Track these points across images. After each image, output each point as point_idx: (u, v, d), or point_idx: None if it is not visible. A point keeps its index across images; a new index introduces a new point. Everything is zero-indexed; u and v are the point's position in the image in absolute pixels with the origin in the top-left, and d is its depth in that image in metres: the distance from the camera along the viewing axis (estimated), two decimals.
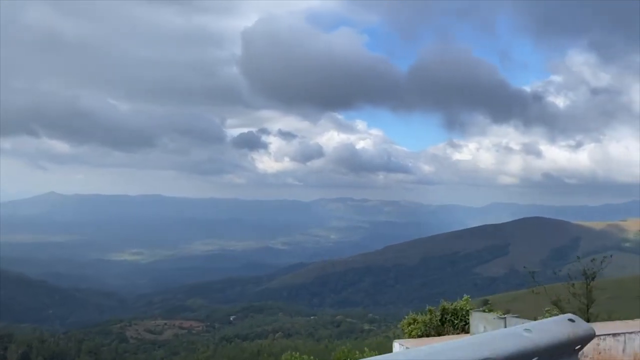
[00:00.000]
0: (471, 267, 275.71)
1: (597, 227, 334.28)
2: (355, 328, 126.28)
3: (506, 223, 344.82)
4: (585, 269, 17.53)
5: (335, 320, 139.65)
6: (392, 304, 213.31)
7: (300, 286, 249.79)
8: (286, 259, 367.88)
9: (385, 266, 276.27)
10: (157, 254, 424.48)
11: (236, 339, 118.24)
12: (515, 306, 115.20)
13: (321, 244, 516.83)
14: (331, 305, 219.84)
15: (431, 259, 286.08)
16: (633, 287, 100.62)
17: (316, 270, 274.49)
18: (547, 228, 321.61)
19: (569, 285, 17.71)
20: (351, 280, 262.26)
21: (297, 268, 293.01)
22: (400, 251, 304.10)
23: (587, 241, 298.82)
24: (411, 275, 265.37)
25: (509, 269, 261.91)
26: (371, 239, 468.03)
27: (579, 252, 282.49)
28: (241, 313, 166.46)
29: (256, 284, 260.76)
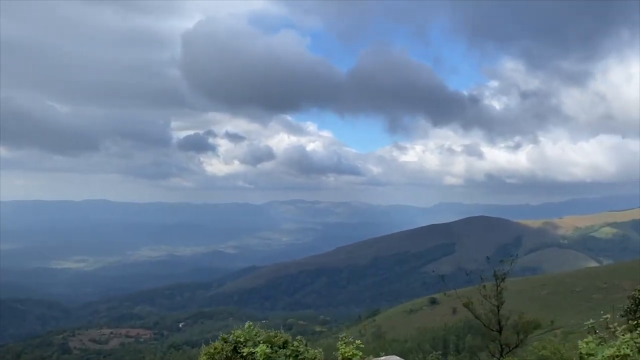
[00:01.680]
0: (420, 265, 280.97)
1: (537, 225, 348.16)
2: (306, 330, 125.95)
3: (453, 222, 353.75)
4: (495, 270, 16.98)
5: (287, 323, 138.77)
6: (344, 305, 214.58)
7: (252, 290, 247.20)
8: (237, 263, 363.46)
9: (337, 267, 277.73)
10: (103, 260, 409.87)
11: (185, 346, 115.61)
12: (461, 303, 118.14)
13: (273, 246, 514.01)
14: (283, 308, 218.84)
15: (382, 258, 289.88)
16: (571, 282, 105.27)
17: (268, 273, 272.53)
18: (491, 227, 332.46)
19: (480, 287, 17.53)
20: (303, 282, 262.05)
21: (248, 272, 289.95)
22: (351, 252, 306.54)
23: (528, 239, 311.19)
24: (363, 275, 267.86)
25: (456, 266, 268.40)
26: (323, 241, 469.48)
27: (522, 250, 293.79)
28: (191, 319, 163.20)
29: (206, 289, 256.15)
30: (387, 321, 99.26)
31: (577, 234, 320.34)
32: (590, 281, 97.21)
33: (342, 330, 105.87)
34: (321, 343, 78.84)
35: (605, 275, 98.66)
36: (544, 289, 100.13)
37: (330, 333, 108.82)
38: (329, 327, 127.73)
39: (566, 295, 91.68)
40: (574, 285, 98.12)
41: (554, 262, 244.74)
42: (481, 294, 17.05)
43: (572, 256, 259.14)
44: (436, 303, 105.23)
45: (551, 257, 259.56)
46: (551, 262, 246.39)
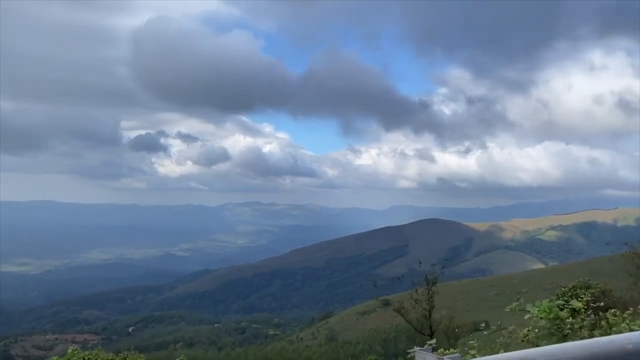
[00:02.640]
0: (374, 267, 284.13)
1: (486, 227, 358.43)
2: (260, 334, 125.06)
3: (406, 225, 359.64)
4: (427, 274, 17.54)
5: (240, 326, 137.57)
6: (298, 308, 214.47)
7: (204, 293, 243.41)
8: (189, 266, 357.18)
9: (292, 270, 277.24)
10: (49, 264, 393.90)
11: (134, 351, 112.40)
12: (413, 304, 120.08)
13: (227, 249, 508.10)
14: (237, 312, 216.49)
15: (336, 261, 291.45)
16: (518, 283, 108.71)
17: (221, 276, 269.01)
18: (443, 229, 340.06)
19: (412, 292, 17.88)
20: (258, 286, 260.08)
21: (201, 275, 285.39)
22: (306, 254, 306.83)
23: (478, 241, 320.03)
24: (317, 278, 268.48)
25: (408, 268, 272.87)
26: (279, 243, 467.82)
27: (472, 252, 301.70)
28: (141, 324, 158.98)
29: (157, 293, 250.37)
30: (340, 323, 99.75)
31: (524, 236, 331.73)
32: (536, 282, 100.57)
33: (295, 333, 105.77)
34: (274, 346, 78.52)
35: (551, 277, 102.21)
36: (492, 290, 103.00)
37: (283, 336, 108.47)
38: (283, 330, 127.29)
39: (513, 295, 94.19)
40: (520, 286, 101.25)
41: (502, 263, 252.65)
42: (412, 298, 17.35)
43: (520, 258, 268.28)
44: (389, 304, 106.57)
45: (500, 259, 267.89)
46: (499, 263, 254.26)
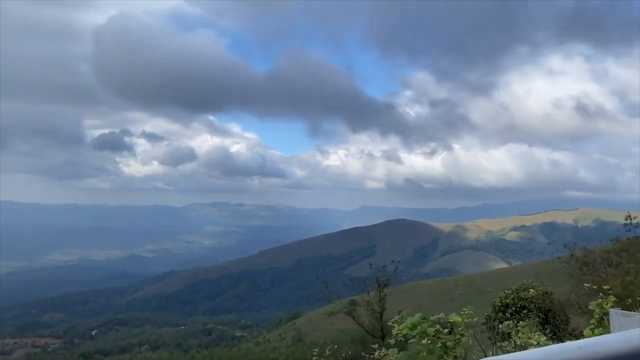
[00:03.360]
0: (342, 268, 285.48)
1: (452, 228, 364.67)
2: (227, 335, 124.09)
3: (374, 225, 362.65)
4: (378, 276, 17.71)
5: (207, 328, 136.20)
6: (266, 309, 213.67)
7: (171, 295, 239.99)
8: (155, 268, 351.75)
9: (259, 270, 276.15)
10: (8, 265, 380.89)
11: (97, 354, 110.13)
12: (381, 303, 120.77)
13: (194, 250, 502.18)
14: (204, 313, 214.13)
15: (305, 261, 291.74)
16: (482, 283, 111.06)
17: (188, 277, 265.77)
18: (410, 229, 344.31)
19: (364, 295, 17.86)
20: (225, 287, 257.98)
21: (167, 276, 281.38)
22: (275, 255, 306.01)
23: (444, 241, 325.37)
24: (285, 279, 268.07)
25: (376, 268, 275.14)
26: (246, 244, 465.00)
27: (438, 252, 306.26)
28: (104, 326, 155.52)
29: (122, 295, 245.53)
30: (308, 324, 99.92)
31: (489, 236, 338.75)
32: (500, 282, 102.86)
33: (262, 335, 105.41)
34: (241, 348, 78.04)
35: (514, 276, 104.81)
36: (457, 289, 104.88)
37: (250, 337, 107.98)
38: (250, 332, 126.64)
39: (477, 295, 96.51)
40: (484, 285, 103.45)
41: (467, 263, 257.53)
42: (364, 301, 17.53)
43: (484, 258, 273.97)
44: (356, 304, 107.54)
45: (465, 259, 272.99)
46: (465, 263, 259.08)
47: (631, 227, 14.45)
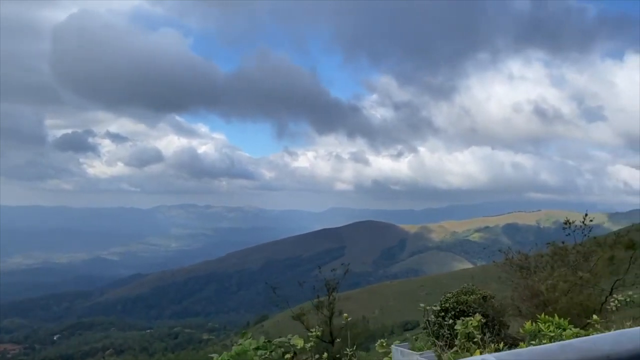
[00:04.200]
0: (311, 269, 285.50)
1: (419, 229, 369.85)
2: (193, 339, 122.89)
3: (343, 227, 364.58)
4: (327, 279, 16.85)
5: (173, 332, 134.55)
6: (234, 311, 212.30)
7: (137, 298, 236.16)
8: (120, 271, 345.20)
9: (227, 273, 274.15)
10: None
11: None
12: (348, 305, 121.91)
13: (160, 253, 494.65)
14: (170, 317, 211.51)
15: (273, 263, 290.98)
16: (447, 283, 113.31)
17: (154, 280, 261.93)
18: (378, 231, 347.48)
19: (315, 299, 17.28)
20: (192, 290, 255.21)
21: (133, 280, 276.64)
22: (243, 257, 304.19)
23: (411, 242, 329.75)
24: (253, 281, 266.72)
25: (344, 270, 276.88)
26: (214, 246, 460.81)
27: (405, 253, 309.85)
28: (67, 331, 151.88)
29: (86, 299, 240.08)
30: (275, 326, 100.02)
31: (454, 237, 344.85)
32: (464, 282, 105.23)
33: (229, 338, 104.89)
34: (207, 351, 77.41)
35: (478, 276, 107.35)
36: (423, 290, 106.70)
37: (217, 340, 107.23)
38: (217, 335, 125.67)
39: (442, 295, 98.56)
40: (449, 286, 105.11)
41: (433, 264, 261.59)
42: (313, 305, 16.80)
43: (450, 258, 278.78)
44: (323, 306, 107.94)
45: (431, 259, 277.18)
46: (431, 264, 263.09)
47: (570, 230, 14.99)
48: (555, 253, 15.62)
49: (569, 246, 15.75)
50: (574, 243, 15.39)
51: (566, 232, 15.09)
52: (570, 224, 14.53)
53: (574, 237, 15.52)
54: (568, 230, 15.17)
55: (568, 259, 14.90)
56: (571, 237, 15.89)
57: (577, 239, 16.15)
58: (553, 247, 15.95)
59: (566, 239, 16.46)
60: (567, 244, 15.78)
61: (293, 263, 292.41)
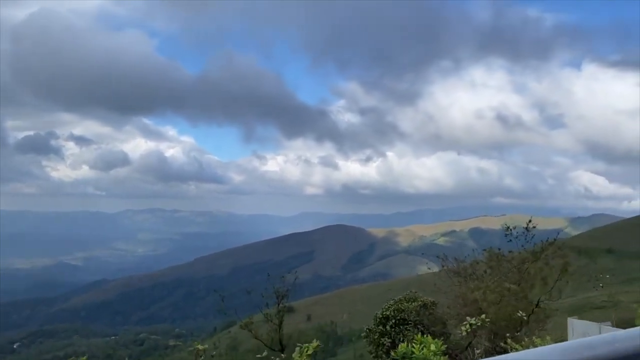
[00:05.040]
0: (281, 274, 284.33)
1: (388, 233, 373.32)
2: (159, 345, 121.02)
3: (312, 231, 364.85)
4: (276, 288, 16.50)
5: (139, 338, 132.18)
6: (202, 317, 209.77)
7: (102, 304, 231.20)
8: (85, 276, 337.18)
9: (195, 278, 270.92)
10: None
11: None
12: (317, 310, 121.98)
13: (126, 258, 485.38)
14: (136, 323, 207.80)
15: (242, 268, 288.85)
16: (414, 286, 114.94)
17: (120, 286, 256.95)
18: (347, 235, 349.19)
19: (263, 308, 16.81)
20: (159, 295, 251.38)
21: (98, 285, 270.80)
22: (211, 262, 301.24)
23: (380, 246, 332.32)
24: (222, 286, 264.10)
25: (314, 274, 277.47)
26: (182, 251, 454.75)
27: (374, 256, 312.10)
28: (27, 339, 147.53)
29: (49, 306, 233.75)
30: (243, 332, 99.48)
31: (422, 241, 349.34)
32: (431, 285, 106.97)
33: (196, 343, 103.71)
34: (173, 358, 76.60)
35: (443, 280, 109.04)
36: (390, 293, 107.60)
37: (184, 347, 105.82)
38: (184, 341, 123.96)
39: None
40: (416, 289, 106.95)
41: (401, 268, 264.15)
42: (262, 313, 16.49)
43: (417, 262, 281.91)
44: (292, 311, 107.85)
45: (399, 263, 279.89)
46: (399, 268, 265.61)
47: (511, 237, 14.82)
48: (491, 260, 15.45)
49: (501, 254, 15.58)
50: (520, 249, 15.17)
51: (508, 239, 14.71)
52: (511, 230, 14.50)
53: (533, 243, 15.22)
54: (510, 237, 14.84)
55: (502, 267, 14.77)
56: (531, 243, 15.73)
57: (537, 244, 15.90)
58: (489, 254, 15.69)
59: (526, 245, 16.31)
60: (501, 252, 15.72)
61: (262, 268, 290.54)
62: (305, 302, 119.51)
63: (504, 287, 13.71)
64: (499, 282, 13.94)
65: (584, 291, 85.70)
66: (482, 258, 16.02)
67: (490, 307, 12.99)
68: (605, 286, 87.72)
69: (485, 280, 14.21)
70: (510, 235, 14.14)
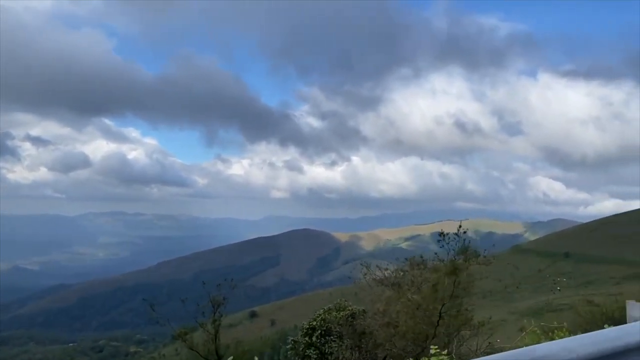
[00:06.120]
0: (245, 278, 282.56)
1: (353, 237, 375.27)
2: (119, 352, 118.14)
3: (278, 235, 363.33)
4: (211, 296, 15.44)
5: (98, 345, 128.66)
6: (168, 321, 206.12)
7: (60, 310, 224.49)
8: (42, 281, 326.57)
9: (158, 283, 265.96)
10: None
11: None
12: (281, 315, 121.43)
13: (86, 262, 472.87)
14: (96, 329, 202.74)
15: (206, 272, 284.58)
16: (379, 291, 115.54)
17: (79, 291, 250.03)
18: (313, 239, 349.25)
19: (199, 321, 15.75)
20: (120, 300, 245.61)
21: (56, 291, 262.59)
22: (174, 267, 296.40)
23: (345, 250, 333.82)
24: (185, 291, 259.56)
25: (280, 278, 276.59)
26: (144, 255, 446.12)
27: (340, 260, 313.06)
28: None
29: (3, 312, 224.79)
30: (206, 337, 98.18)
31: (386, 245, 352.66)
32: None
33: (158, 350, 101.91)
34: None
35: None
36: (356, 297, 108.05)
37: (145, 353, 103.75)
38: (145, 347, 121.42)
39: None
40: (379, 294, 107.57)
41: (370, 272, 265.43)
42: (197, 323, 15.35)
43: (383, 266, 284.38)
44: (256, 316, 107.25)
45: None
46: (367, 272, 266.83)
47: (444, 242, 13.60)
48: (412, 268, 14.49)
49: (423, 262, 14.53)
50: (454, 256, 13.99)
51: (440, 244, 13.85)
52: (444, 236, 13.29)
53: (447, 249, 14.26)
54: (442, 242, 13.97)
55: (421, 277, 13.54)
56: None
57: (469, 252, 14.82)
58: (410, 263, 14.64)
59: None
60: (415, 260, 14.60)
61: (227, 273, 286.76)
62: (270, 307, 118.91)
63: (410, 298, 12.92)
64: (403, 293, 13.24)
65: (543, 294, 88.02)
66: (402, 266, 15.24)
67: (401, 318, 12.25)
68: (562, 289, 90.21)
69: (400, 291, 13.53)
70: (443, 240, 13.08)
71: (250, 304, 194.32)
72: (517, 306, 72.82)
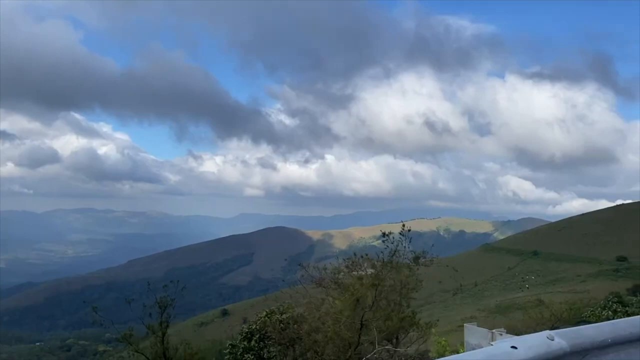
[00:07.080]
0: (218, 277, 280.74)
1: (327, 235, 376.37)
2: (88, 351, 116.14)
3: (251, 233, 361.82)
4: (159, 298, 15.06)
5: (66, 344, 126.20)
6: (134, 321, 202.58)
7: (27, 309, 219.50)
8: (8, 279, 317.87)
9: (128, 281, 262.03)
10: None
11: None
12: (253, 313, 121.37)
13: (54, 260, 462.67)
14: (64, 328, 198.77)
15: (178, 270, 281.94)
16: None
17: (47, 289, 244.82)
18: (286, 237, 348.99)
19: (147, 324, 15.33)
20: (89, 299, 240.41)
21: (22, 289, 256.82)
22: (146, 264, 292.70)
23: (319, 248, 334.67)
24: (156, 289, 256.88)
25: (253, 276, 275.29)
26: (115, 253, 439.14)
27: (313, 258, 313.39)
28: None
29: None
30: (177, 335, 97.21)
31: (360, 243, 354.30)
32: None
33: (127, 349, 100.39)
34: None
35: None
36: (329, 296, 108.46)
37: (114, 352, 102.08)
38: (115, 346, 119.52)
39: None
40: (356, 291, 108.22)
41: None
42: (143, 324, 15.02)
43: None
44: (227, 314, 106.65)
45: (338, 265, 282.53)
46: None
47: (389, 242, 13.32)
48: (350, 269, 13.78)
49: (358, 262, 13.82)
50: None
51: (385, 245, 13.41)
52: (388, 235, 13.09)
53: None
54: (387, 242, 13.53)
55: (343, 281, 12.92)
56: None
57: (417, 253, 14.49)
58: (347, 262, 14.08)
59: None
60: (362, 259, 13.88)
61: (199, 271, 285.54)
62: (242, 305, 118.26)
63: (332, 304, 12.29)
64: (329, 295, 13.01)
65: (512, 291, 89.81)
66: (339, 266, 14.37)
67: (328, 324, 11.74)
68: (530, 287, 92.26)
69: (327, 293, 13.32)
70: (387, 240, 13.01)
71: (222, 302, 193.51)
72: (486, 304, 74.17)
